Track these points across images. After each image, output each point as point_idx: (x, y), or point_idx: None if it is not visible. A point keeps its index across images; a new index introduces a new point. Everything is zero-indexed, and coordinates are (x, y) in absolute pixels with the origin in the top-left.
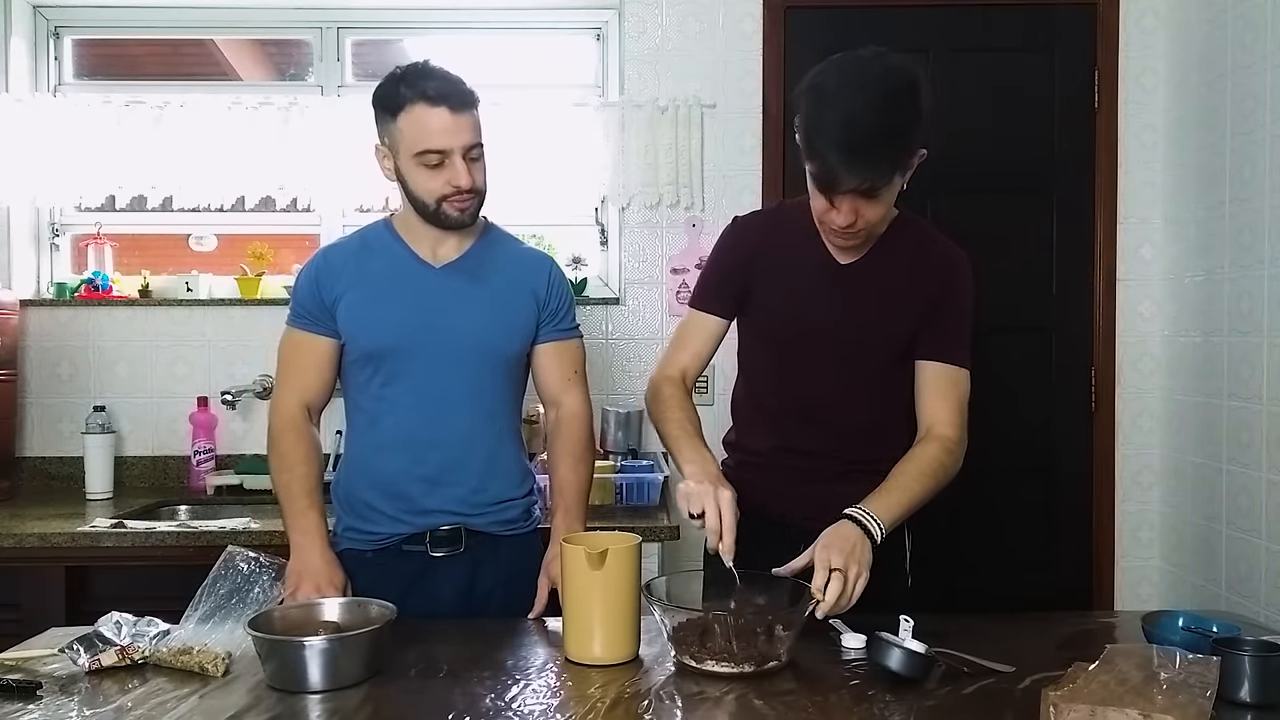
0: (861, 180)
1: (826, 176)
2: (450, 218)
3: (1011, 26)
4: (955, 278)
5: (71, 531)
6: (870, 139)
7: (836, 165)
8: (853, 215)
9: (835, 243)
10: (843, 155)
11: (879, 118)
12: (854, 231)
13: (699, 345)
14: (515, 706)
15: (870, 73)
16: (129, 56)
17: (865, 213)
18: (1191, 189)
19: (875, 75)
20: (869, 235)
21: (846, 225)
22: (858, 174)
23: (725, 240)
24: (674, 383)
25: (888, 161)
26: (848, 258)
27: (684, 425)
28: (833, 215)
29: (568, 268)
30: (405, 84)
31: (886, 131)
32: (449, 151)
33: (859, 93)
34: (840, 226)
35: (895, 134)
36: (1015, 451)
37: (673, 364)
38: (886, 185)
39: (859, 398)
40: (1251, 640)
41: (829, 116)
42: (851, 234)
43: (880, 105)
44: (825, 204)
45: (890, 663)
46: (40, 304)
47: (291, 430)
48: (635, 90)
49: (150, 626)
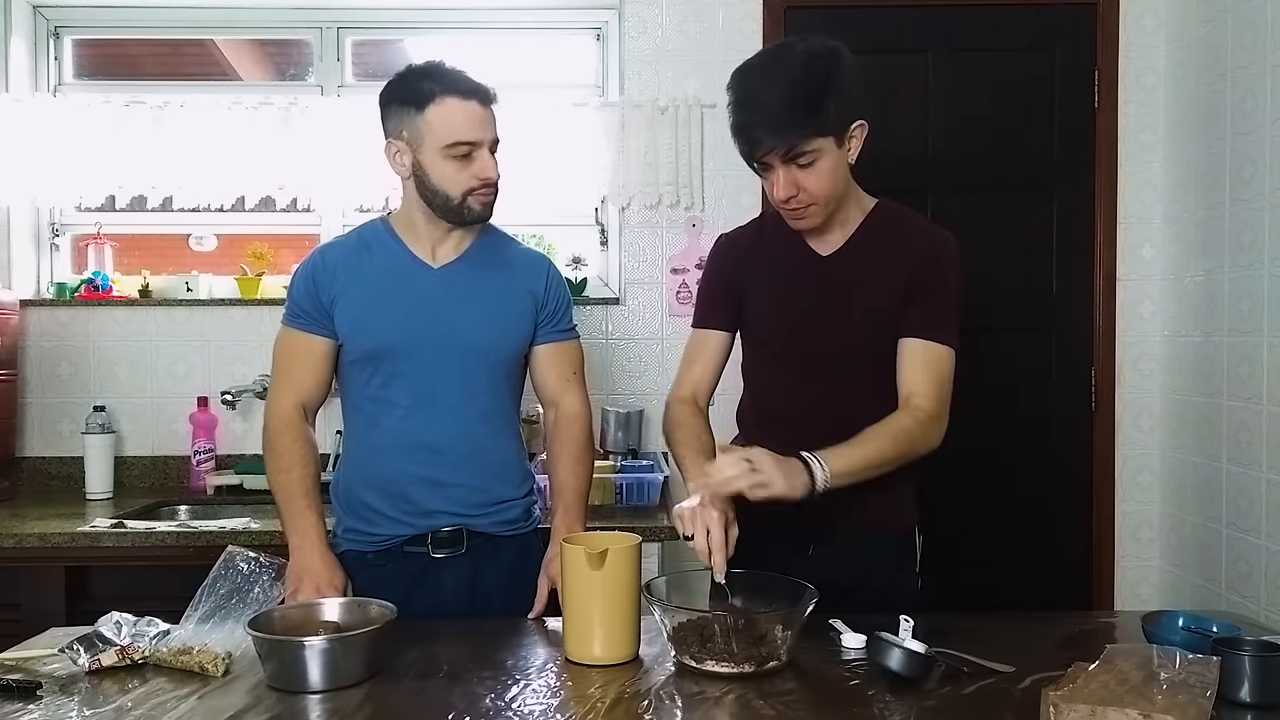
0: (775, 140)
1: (746, 146)
2: (474, 211)
3: (1011, 26)
4: (937, 258)
5: (71, 531)
6: (780, 101)
7: (749, 129)
8: (792, 186)
9: (793, 224)
10: (756, 120)
11: (784, 80)
12: (801, 205)
13: (706, 361)
14: (515, 706)
15: (788, 50)
16: (129, 56)
17: (805, 183)
18: (1191, 189)
19: (793, 52)
20: (823, 211)
21: (787, 197)
22: (770, 137)
23: (714, 256)
24: (685, 402)
25: (798, 122)
26: (826, 247)
27: (691, 445)
28: (775, 191)
29: (567, 268)
30: (431, 79)
31: (794, 92)
32: (479, 144)
33: (775, 65)
34: (781, 199)
35: (804, 96)
36: (1015, 451)
37: (683, 384)
38: (812, 152)
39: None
40: (1251, 640)
41: (745, 89)
42: (799, 208)
43: (786, 70)
44: (768, 183)
45: (890, 663)
46: (40, 304)
47: (288, 431)
48: (635, 90)
49: (150, 626)
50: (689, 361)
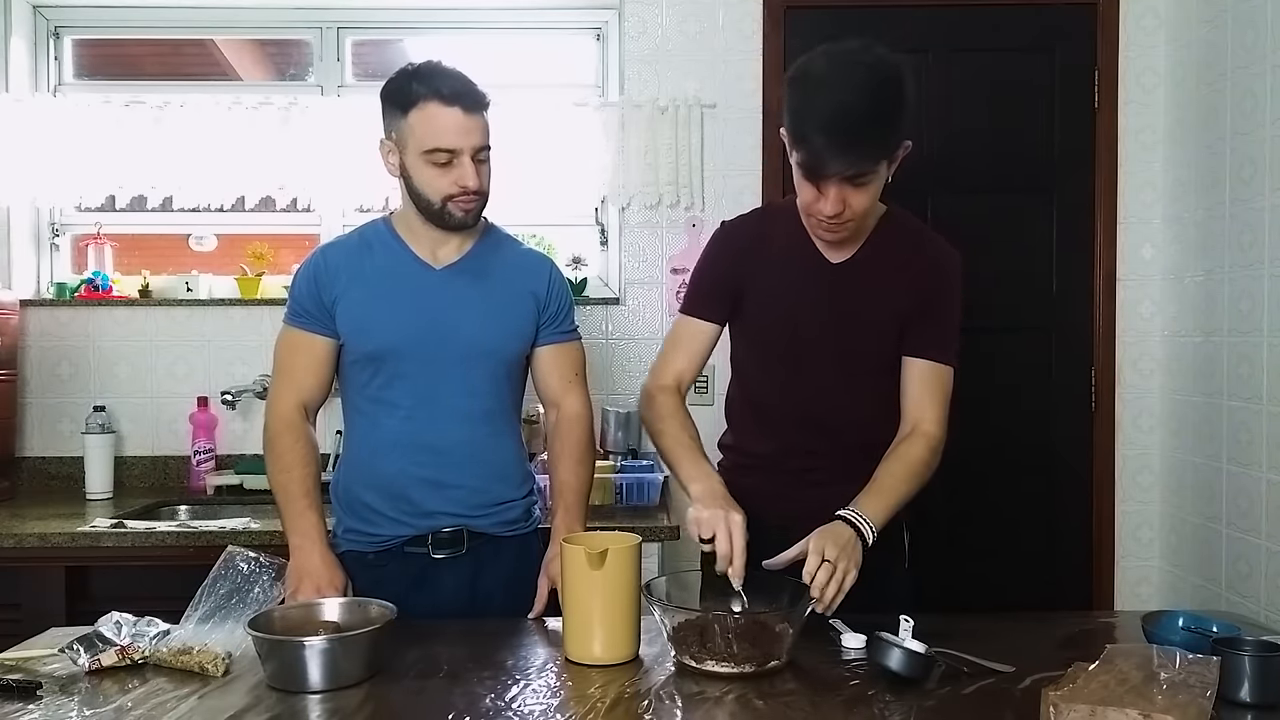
0: (848, 165)
1: (814, 161)
2: (454, 217)
3: (1011, 26)
4: (946, 276)
5: (71, 531)
6: (858, 124)
7: (824, 149)
8: (840, 204)
9: (822, 235)
10: (831, 139)
11: (867, 103)
12: (841, 222)
13: (693, 351)
14: (515, 706)
15: (858, 61)
16: (129, 56)
17: (852, 202)
18: (1191, 189)
19: (863, 63)
20: (856, 228)
21: (834, 214)
22: (845, 159)
23: (714, 245)
24: (669, 391)
25: (875, 148)
26: (838, 255)
27: (681, 439)
28: (820, 204)
29: (567, 268)
30: (419, 81)
31: (874, 118)
32: (459, 151)
33: (847, 79)
34: (828, 215)
35: (883, 121)
36: (1015, 451)
37: (666, 372)
38: (873, 173)
39: (856, 397)
40: (1251, 640)
41: (817, 101)
42: (839, 224)
43: (868, 91)
44: (813, 193)
45: (890, 663)
46: (40, 304)
47: (289, 431)
48: (635, 90)
49: (150, 626)
50: (674, 348)
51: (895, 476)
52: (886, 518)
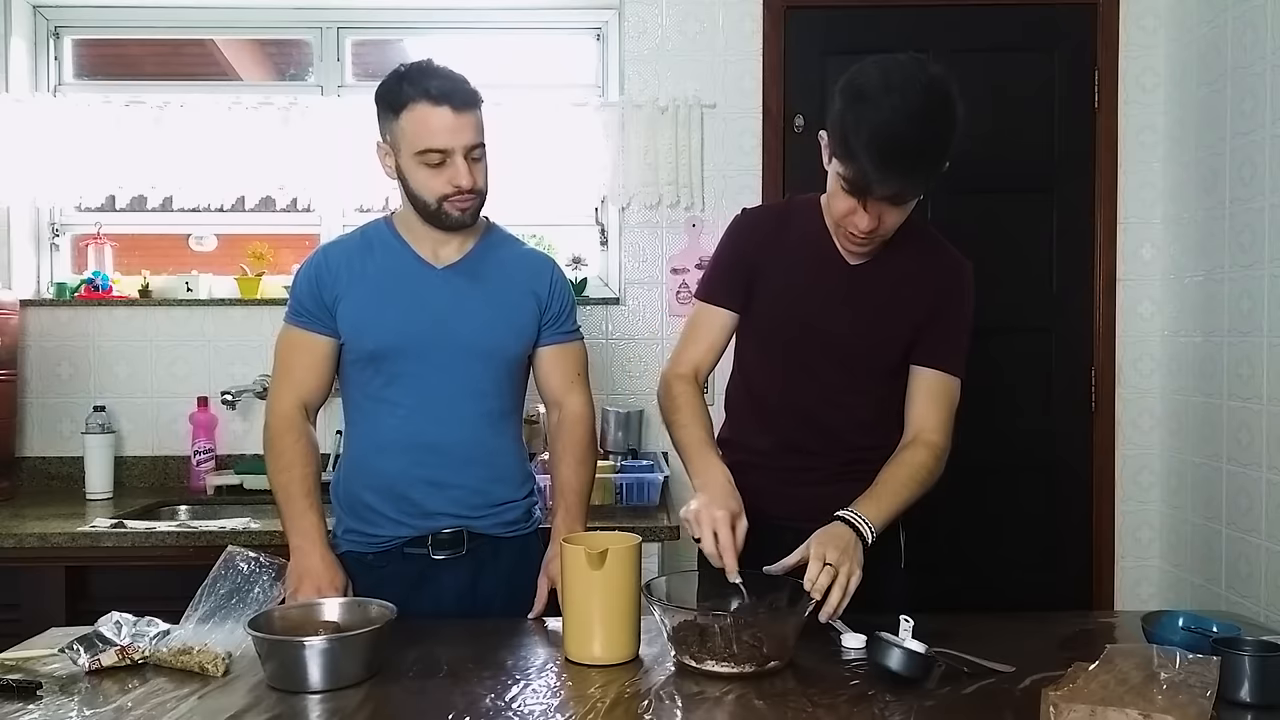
0: (897, 188)
1: (861, 181)
2: (451, 217)
3: (1011, 26)
4: (959, 286)
5: (71, 531)
6: (912, 148)
7: (874, 171)
8: (876, 221)
9: (849, 247)
10: (882, 161)
11: (921, 128)
12: (874, 238)
13: (711, 339)
14: (515, 706)
15: (914, 80)
16: (129, 56)
17: (887, 219)
18: (1191, 189)
19: (919, 84)
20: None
21: (869, 230)
22: (894, 181)
23: (733, 232)
24: (687, 380)
25: (924, 172)
26: (855, 257)
27: (693, 431)
28: (856, 219)
29: (568, 268)
30: (408, 82)
31: (927, 142)
32: (450, 151)
33: (902, 101)
34: (863, 231)
35: (934, 146)
36: (1015, 451)
37: (685, 360)
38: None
39: (860, 399)
40: (1251, 640)
41: (871, 120)
42: (870, 239)
43: (923, 115)
44: (850, 207)
45: (890, 663)
46: (40, 304)
47: (289, 430)
48: (635, 90)
49: (150, 626)
50: (692, 337)
51: (896, 480)
52: (886, 520)
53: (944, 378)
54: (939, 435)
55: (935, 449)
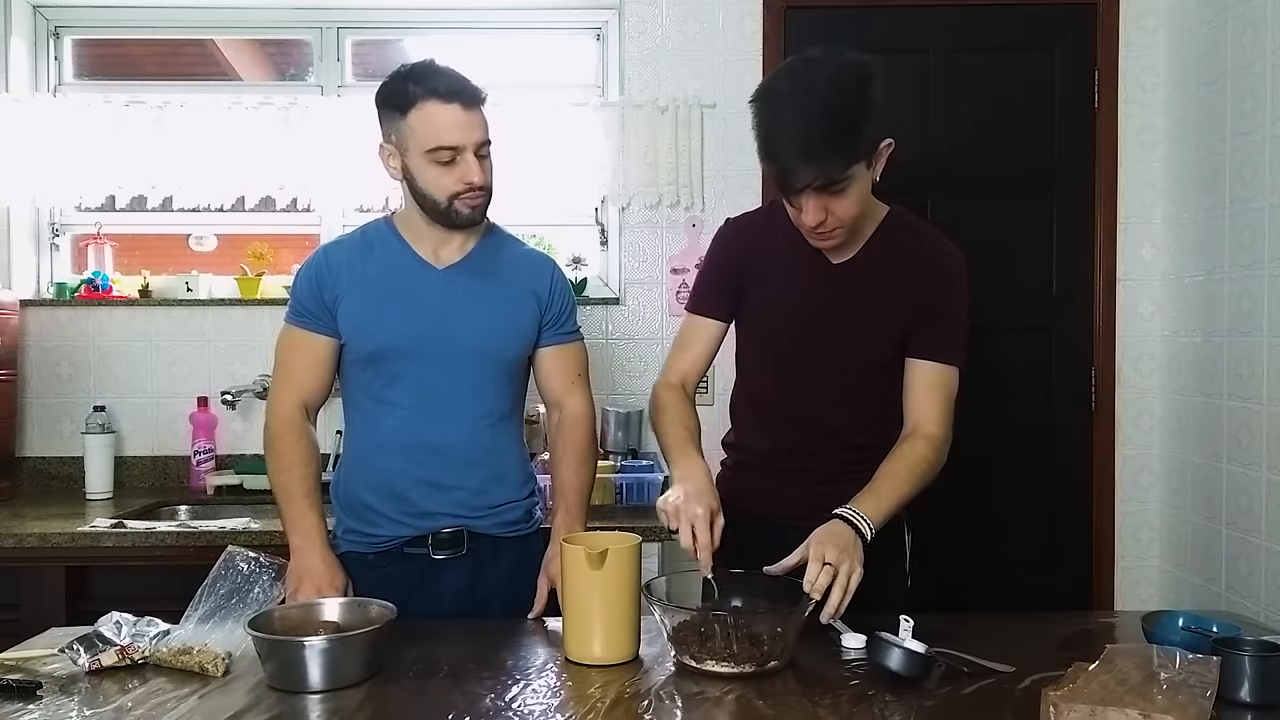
0: (815, 175)
1: (782, 176)
2: (461, 215)
3: (1011, 26)
4: (948, 277)
5: (71, 531)
6: (818, 132)
7: (788, 162)
8: (821, 213)
9: (816, 243)
10: (793, 151)
11: (825, 110)
12: (827, 230)
13: (698, 349)
14: (515, 706)
15: (818, 70)
16: (129, 56)
17: (835, 209)
18: (1191, 189)
19: (823, 72)
20: (850, 233)
21: (816, 224)
22: (810, 169)
23: (718, 242)
24: (672, 389)
25: (838, 154)
26: (839, 256)
27: (677, 432)
28: (803, 216)
29: (568, 268)
30: (415, 81)
31: (834, 123)
32: (462, 148)
33: (806, 89)
34: (810, 226)
35: (843, 126)
36: (1015, 451)
37: (673, 370)
38: (846, 179)
39: (856, 398)
40: (1251, 640)
41: (778, 115)
42: (825, 233)
43: (826, 98)
44: (795, 206)
45: (890, 663)
46: (40, 304)
47: (290, 430)
48: (635, 90)
49: (150, 626)
50: (682, 348)
51: (895, 475)
52: (885, 516)
53: (940, 368)
54: (938, 427)
55: (934, 441)
